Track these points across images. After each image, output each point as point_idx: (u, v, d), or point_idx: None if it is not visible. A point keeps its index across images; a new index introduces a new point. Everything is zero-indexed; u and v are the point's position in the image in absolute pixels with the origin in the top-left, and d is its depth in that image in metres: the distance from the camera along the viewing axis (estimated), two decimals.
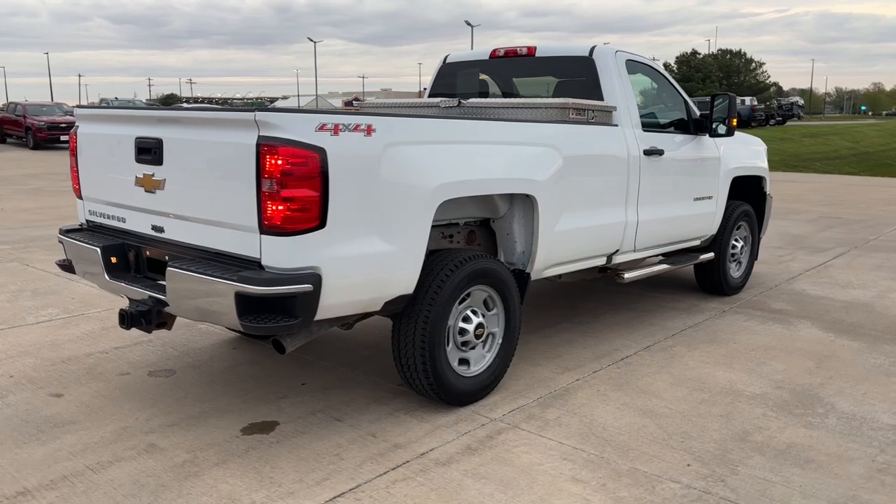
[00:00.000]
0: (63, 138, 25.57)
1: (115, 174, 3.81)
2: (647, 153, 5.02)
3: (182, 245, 3.54)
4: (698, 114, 5.69)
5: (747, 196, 6.68)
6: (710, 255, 6.07)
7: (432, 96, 5.87)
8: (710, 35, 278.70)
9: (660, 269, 5.54)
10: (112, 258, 3.79)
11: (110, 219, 3.98)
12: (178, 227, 3.54)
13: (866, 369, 4.65)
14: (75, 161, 4.15)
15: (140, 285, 3.68)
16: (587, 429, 3.74)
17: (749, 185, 6.66)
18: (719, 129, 5.60)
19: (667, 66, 78.81)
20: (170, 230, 3.59)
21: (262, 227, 3.10)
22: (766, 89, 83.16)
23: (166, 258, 3.55)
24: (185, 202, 3.47)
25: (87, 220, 4.19)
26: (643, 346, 5.04)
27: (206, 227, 3.38)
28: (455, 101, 5.06)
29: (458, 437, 3.63)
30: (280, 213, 3.06)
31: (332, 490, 3.11)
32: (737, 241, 6.48)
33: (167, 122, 3.56)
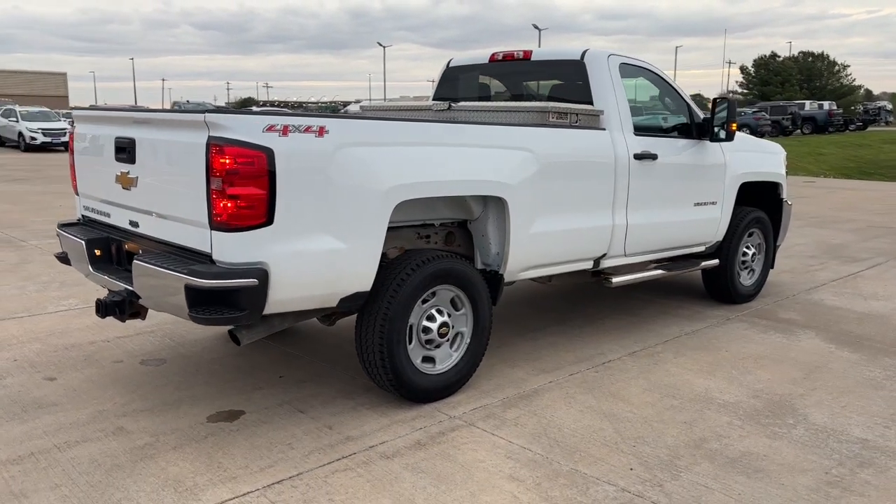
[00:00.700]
0: None
1: (101, 172, 4.04)
2: (639, 157, 4.98)
3: (153, 240, 3.73)
4: (701, 118, 5.61)
5: (763, 203, 6.54)
6: (715, 261, 5.96)
7: (436, 99, 5.96)
8: (796, 37, 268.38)
9: (652, 274, 5.46)
10: (96, 251, 4.02)
11: (99, 214, 4.22)
12: (149, 222, 3.74)
13: (855, 382, 4.50)
14: (72, 159, 4.41)
15: (118, 277, 3.89)
16: (542, 430, 3.76)
17: (764, 191, 6.51)
18: (720, 134, 5.51)
19: (743, 69, 76.64)
20: (143, 225, 3.80)
21: (213, 223, 3.26)
22: (851, 93, 79.62)
23: (139, 252, 3.76)
24: (154, 199, 3.67)
25: (82, 216, 4.46)
26: (629, 352, 5.00)
27: (171, 222, 3.57)
28: (446, 105, 5.14)
29: (412, 432, 3.71)
30: (228, 209, 3.21)
31: (272, 477, 3.24)
32: (748, 248, 6.33)
33: (140, 123, 3.77)
